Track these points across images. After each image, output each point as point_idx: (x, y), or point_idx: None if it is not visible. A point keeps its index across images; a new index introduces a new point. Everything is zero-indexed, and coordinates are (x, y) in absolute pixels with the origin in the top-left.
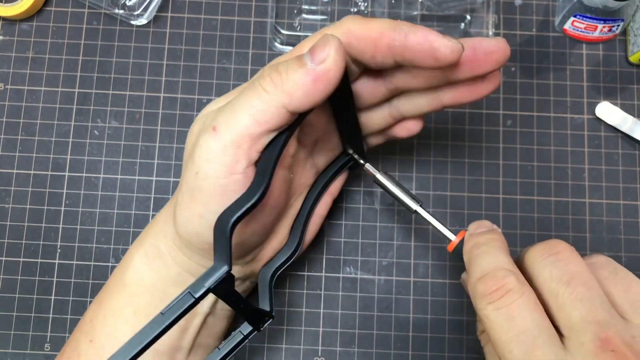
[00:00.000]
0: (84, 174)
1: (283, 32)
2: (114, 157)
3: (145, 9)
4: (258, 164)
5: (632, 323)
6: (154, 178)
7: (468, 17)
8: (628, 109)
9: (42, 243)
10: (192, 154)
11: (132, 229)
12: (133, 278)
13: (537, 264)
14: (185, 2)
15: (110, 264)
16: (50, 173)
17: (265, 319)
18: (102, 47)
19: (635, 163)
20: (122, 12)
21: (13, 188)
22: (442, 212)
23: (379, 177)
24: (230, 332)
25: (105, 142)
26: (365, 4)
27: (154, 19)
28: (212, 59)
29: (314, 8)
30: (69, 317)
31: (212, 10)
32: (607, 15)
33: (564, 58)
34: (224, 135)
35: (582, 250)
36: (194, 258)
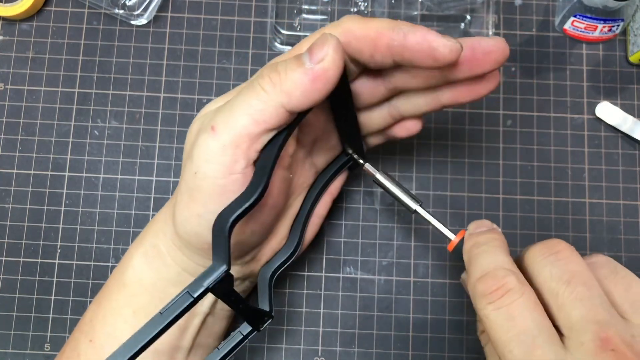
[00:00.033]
0: (84, 174)
1: (283, 32)
2: (114, 157)
3: (145, 9)
4: (257, 164)
5: (632, 323)
6: (154, 178)
7: (468, 17)
8: (628, 109)
9: (42, 243)
10: (190, 154)
11: (132, 229)
12: (132, 278)
13: (537, 264)
14: (185, 2)
15: (110, 264)
16: (50, 173)
17: (265, 319)
18: (102, 47)
19: (635, 163)
20: (122, 12)
21: (13, 188)
22: (442, 212)
23: (379, 176)
24: (230, 332)
25: (105, 142)
26: (365, 4)
27: (154, 19)
28: (212, 59)
29: (314, 8)
30: (69, 317)
31: (212, 10)
32: (607, 15)
33: (564, 58)
34: (223, 135)
35: (582, 250)
36: (194, 258)
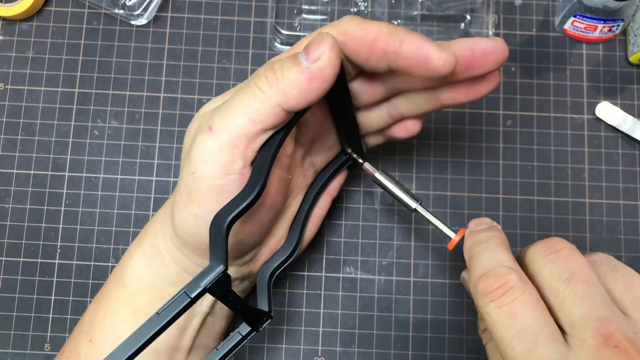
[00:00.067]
0: (84, 174)
1: (283, 32)
2: (114, 157)
3: (145, 9)
4: (254, 164)
5: (633, 319)
6: (154, 178)
7: (468, 17)
8: (628, 109)
9: (42, 243)
10: (189, 154)
11: (132, 229)
12: (132, 278)
13: (537, 262)
14: (185, 2)
15: (110, 264)
16: (50, 173)
17: (264, 320)
18: (102, 47)
19: (635, 163)
20: (122, 12)
21: (13, 188)
22: (442, 212)
23: (378, 176)
24: (230, 332)
25: (105, 142)
26: (365, 4)
27: (154, 19)
28: (212, 59)
29: (314, 8)
30: (69, 317)
31: (212, 10)
32: (607, 15)
33: (564, 58)
34: (220, 135)
35: (582, 250)
36: (193, 258)
